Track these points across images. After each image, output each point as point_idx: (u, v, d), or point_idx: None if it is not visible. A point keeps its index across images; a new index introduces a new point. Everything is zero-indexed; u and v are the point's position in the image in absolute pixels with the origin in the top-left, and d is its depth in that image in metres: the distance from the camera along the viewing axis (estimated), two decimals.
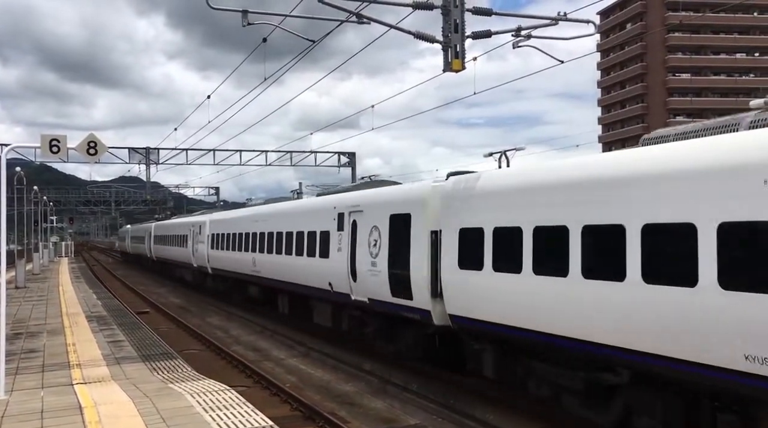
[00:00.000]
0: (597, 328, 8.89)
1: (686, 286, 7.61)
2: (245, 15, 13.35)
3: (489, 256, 10.98)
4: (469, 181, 12.04)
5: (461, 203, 11.92)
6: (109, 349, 14.88)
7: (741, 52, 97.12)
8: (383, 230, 14.38)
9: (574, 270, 9.19)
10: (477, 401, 12.14)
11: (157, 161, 44.01)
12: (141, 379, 11.68)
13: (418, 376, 14.08)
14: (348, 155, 46.27)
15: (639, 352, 8.28)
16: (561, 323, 9.50)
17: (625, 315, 8.43)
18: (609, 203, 8.79)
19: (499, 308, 10.85)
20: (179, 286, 39.61)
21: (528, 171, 10.97)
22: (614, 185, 8.77)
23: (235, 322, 24.45)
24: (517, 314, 10.43)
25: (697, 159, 7.81)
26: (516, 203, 10.63)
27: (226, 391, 10.65)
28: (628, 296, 8.36)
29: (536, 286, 9.93)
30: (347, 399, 13.07)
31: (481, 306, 11.31)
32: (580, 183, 9.36)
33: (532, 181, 10.46)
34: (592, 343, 8.98)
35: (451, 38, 12.94)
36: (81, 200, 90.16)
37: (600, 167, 9.29)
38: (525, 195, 10.50)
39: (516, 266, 10.29)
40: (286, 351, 18.36)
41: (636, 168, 8.57)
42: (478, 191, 11.60)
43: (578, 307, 9.16)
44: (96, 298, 27.36)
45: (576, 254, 9.17)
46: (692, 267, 7.51)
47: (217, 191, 75.37)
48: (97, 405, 9.77)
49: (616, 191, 8.70)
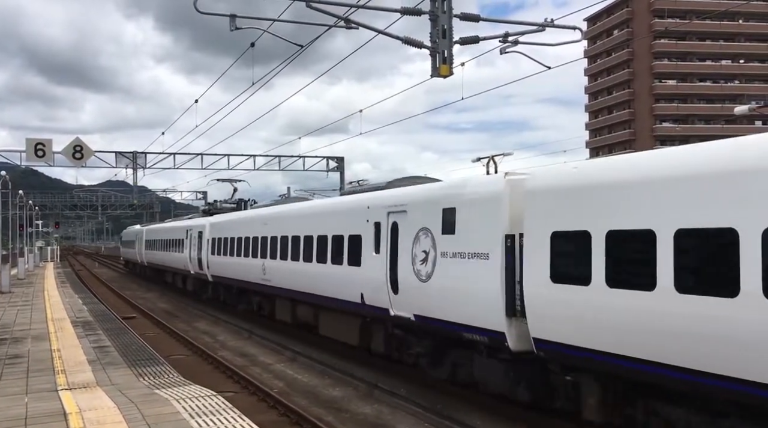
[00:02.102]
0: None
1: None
2: (233, 19, 13.33)
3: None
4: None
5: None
6: (95, 355, 14.75)
7: (726, 58, 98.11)
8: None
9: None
10: (465, 406, 12.13)
11: (145, 166, 43.72)
12: (127, 385, 11.58)
13: (406, 381, 14.06)
14: (336, 160, 46.21)
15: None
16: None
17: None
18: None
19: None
20: (166, 291, 39.37)
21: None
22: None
23: (222, 327, 24.33)
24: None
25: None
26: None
27: (212, 397, 10.58)
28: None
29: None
30: (335, 404, 13.03)
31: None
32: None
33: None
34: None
35: (439, 44, 12.98)
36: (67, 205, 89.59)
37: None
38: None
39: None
40: (274, 356, 18.29)
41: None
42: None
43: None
44: (82, 303, 27.12)
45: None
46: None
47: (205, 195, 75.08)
48: (82, 412, 9.68)
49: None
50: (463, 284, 11.28)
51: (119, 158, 43.48)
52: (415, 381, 13.99)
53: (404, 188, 14.63)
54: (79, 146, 29.79)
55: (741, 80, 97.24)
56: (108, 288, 42.68)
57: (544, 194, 9.90)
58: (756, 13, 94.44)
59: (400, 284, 13.24)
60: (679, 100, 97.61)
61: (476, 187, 11.65)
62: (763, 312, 6.83)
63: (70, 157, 29.49)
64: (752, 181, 7.11)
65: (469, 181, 12.24)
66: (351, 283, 15.24)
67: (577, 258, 9.05)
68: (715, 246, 7.41)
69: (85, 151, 30.17)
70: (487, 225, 10.85)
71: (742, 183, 7.18)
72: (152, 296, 37.28)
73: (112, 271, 66.52)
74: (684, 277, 7.64)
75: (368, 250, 14.58)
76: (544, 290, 9.63)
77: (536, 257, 9.81)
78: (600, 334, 8.72)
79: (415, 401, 12.68)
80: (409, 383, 13.91)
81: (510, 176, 10.88)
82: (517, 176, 10.75)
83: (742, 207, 7.08)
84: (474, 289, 11.01)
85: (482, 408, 11.92)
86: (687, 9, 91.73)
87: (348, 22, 13.34)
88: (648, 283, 7.97)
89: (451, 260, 11.61)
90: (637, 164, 8.88)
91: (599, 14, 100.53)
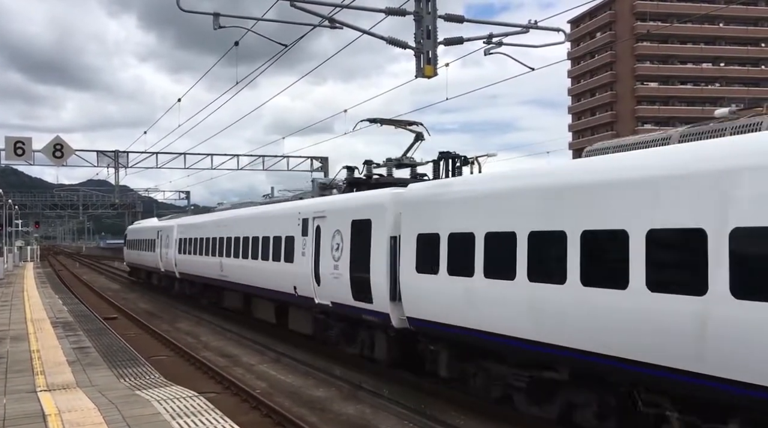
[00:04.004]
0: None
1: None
2: (216, 18, 13.27)
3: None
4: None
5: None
6: (75, 355, 14.59)
7: (707, 61, 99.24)
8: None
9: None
10: (449, 407, 12.15)
11: (127, 165, 43.40)
12: (107, 386, 11.46)
13: (389, 382, 14.05)
14: (321, 160, 46.13)
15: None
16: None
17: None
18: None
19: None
20: (148, 291, 39.06)
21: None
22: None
23: (205, 327, 24.17)
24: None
25: None
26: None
27: (194, 398, 10.50)
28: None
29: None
30: (318, 404, 12.99)
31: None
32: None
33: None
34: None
35: (424, 44, 13.01)
36: (47, 204, 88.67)
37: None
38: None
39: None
40: (257, 357, 18.20)
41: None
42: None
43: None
44: (62, 303, 26.81)
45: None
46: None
47: (188, 195, 74.65)
48: (62, 413, 9.56)
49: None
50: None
51: (101, 157, 43.14)
52: (398, 382, 13.99)
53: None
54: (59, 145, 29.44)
55: (722, 83, 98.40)
56: (89, 288, 42.26)
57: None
58: (736, 16, 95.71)
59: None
60: (660, 103, 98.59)
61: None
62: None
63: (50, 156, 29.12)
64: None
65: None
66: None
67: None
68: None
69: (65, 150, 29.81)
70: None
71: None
72: (134, 297, 36.97)
73: (95, 273, 65.79)
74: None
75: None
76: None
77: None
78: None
79: (398, 401, 12.68)
80: (393, 384, 13.90)
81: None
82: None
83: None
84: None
85: (465, 408, 11.95)
86: (669, 12, 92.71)
87: (332, 22, 13.33)
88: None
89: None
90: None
91: (582, 17, 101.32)
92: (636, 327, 8.13)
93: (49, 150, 28.98)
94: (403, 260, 12.69)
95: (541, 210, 9.63)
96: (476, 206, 11.02)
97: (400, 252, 12.86)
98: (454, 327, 11.35)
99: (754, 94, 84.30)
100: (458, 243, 11.21)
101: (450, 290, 11.38)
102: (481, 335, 10.70)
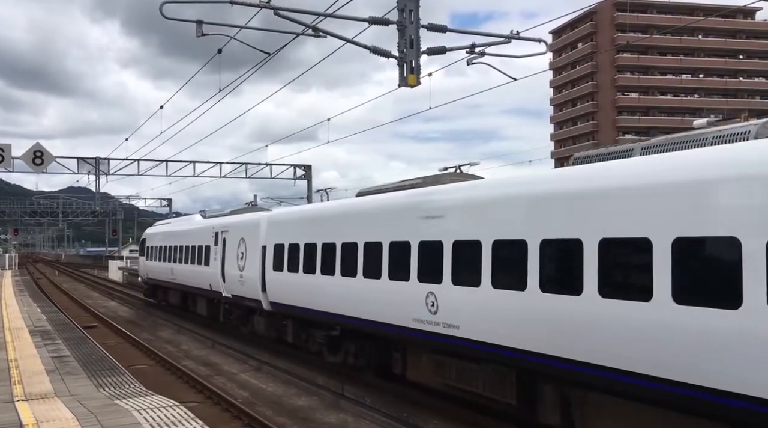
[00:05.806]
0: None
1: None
2: (200, 26, 13.24)
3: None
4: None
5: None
6: (54, 365, 14.40)
7: (686, 73, 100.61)
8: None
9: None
10: (430, 415, 12.15)
11: (108, 172, 43.02)
12: (86, 395, 11.33)
13: (371, 390, 14.04)
14: (304, 168, 46.05)
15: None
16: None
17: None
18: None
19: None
20: (127, 300, 38.68)
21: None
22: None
23: (186, 336, 24.00)
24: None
25: None
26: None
27: (175, 407, 10.41)
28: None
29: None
30: (300, 413, 12.94)
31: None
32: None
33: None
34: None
35: (407, 54, 13.08)
36: (26, 211, 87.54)
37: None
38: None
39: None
40: (238, 366, 18.10)
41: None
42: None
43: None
44: (40, 312, 26.47)
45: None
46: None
47: (170, 202, 74.13)
48: (39, 423, 9.44)
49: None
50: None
51: (81, 164, 42.70)
52: (380, 390, 13.98)
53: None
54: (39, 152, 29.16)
55: (701, 94, 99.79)
56: (68, 297, 41.76)
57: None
58: (715, 28, 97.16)
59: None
60: (641, 113, 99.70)
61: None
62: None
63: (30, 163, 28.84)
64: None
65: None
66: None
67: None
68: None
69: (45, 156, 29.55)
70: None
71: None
72: (114, 305, 36.59)
73: (75, 280, 64.95)
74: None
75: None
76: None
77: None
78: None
79: (380, 410, 12.67)
80: (375, 392, 13.89)
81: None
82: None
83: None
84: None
85: (447, 416, 11.96)
86: (649, 24, 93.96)
87: (316, 31, 13.36)
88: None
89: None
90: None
91: (564, 27, 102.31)
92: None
93: (29, 157, 28.69)
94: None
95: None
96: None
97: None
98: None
99: (733, 105, 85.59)
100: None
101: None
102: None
